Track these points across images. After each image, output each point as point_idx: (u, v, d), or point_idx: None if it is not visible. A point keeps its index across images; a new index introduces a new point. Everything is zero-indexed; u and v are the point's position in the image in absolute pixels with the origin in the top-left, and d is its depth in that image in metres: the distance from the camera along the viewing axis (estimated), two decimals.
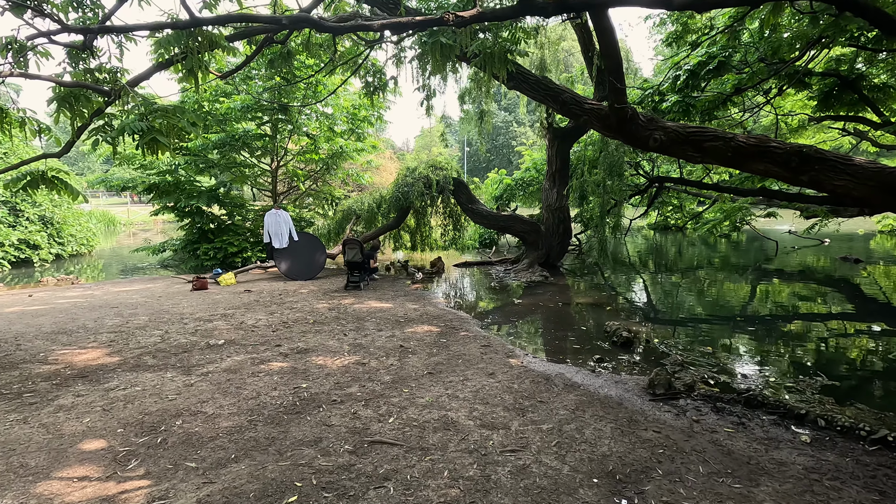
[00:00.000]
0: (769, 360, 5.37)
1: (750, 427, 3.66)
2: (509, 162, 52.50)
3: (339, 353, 5.29)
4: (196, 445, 3.21)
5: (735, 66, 8.65)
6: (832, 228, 14.95)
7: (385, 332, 6.14)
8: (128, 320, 6.69)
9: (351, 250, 9.34)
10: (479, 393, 4.20)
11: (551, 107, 6.67)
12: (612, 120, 6.04)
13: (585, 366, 5.09)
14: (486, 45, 5.68)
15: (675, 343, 5.93)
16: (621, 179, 10.18)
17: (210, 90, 12.25)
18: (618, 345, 5.79)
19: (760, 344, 5.98)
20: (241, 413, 3.72)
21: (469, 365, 4.94)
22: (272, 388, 4.24)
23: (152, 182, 12.21)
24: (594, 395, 4.24)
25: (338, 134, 13.76)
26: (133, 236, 27.34)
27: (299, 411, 3.76)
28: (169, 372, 4.63)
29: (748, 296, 8.91)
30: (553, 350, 5.80)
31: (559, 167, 11.18)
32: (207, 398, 4.00)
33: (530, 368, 4.88)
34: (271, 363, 4.90)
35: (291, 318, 6.92)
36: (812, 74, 8.47)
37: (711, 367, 5.11)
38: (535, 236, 11.42)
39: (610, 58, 5.37)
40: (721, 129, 7.20)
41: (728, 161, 5.85)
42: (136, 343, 5.59)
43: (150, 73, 5.17)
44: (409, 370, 4.76)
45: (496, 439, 3.37)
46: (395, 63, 8.31)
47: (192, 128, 4.71)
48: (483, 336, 6.06)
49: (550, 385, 4.43)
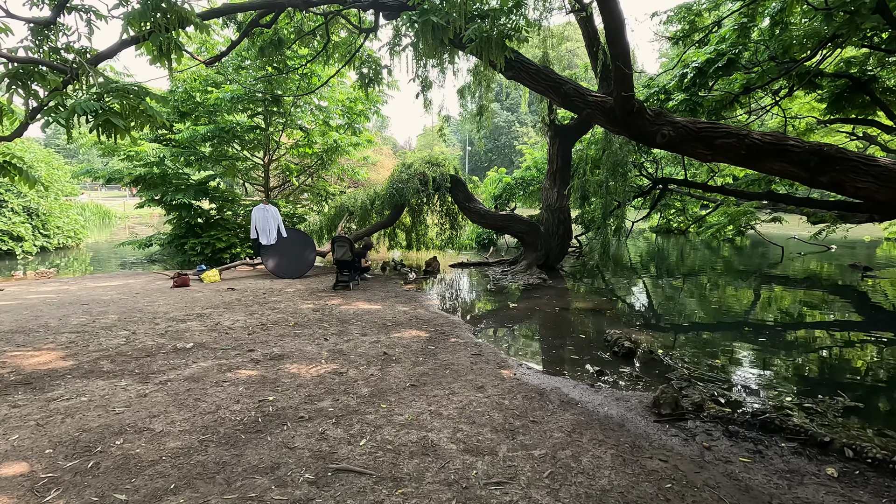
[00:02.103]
0: (783, 376, 4.94)
1: (768, 456, 3.24)
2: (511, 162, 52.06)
3: (317, 360, 4.86)
4: (132, 472, 2.78)
5: (744, 64, 8.28)
6: (839, 235, 14.50)
7: (369, 337, 5.71)
8: (95, 319, 6.26)
9: (340, 248, 8.91)
10: (466, 410, 3.77)
11: (553, 99, 6.24)
12: (618, 113, 5.61)
13: (584, 379, 4.66)
14: (483, 30, 5.25)
15: (680, 354, 5.49)
16: (625, 180, 9.76)
17: (200, 79, 11.80)
18: (619, 355, 5.36)
19: (772, 357, 5.55)
20: (194, 431, 3.29)
21: (457, 376, 4.51)
22: (234, 400, 3.80)
23: (138, 174, 11.78)
24: (593, 414, 3.81)
25: (333, 128, 13.32)
26: (128, 230, 26.92)
27: (260, 430, 3.33)
28: (124, 379, 4.20)
29: (755, 303, 8.49)
30: (549, 360, 5.37)
31: (560, 166, 10.75)
32: (159, 412, 3.57)
33: (524, 381, 4.45)
34: (239, 371, 4.47)
35: (272, 319, 6.49)
36: (823, 75, 8.09)
37: (720, 382, 4.68)
38: (535, 237, 11.00)
39: (616, 44, 4.94)
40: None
41: (741, 160, 5.42)
42: (96, 345, 5.16)
43: (115, 50, 4.75)
44: (390, 381, 4.33)
45: (481, 468, 2.94)
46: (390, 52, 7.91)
47: (156, 112, 4.27)
48: (474, 343, 5.63)
49: (545, 401, 4.00)
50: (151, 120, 4.35)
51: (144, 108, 4.24)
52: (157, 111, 4.34)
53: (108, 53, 4.77)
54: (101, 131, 3.98)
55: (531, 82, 6.16)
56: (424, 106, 8.72)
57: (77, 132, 5.02)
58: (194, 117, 12.12)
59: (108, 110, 3.82)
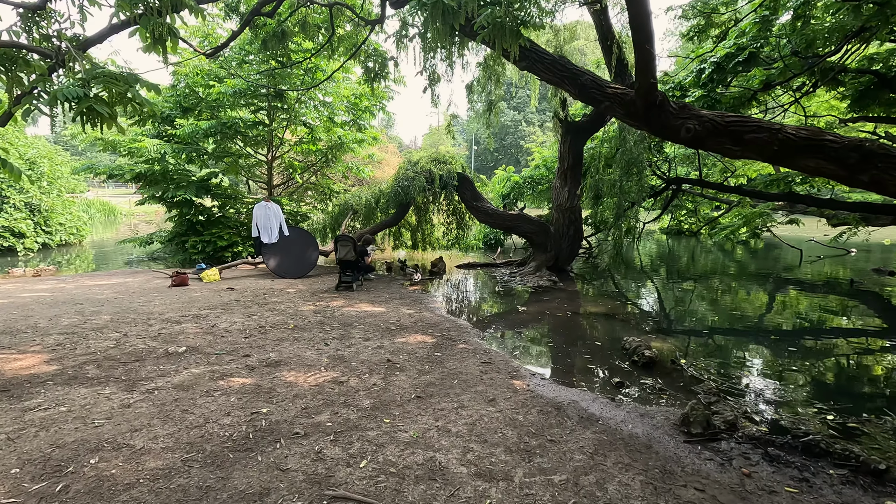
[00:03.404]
0: (821, 391, 4.57)
1: (817, 486, 2.88)
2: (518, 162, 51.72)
3: (316, 367, 4.55)
4: (105, 497, 2.48)
5: (765, 59, 7.94)
6: (860, 238, 14.01)
7: (372, 342, 5.40)
8: (87, 319, 5.98)
9: (343, 247, 8.60)
10: (476, 426, 3.45)
11: (568, 91, 5.90)
12: (639, 106, 5.26)
13: (603, 392, 4.32)
14: (496, 15, 4.92)
15: (704, 364, 5.14)
16: (640, 179, 9.39)
17: (202, 73, 11.54)
18: (639, 365, 5.01)
19: (803, 368, 5.18)
20: (178, 448, 2.98)
21: (466, 387, 4.19)
22: (225, 412, 3.50)
23: (139, 171, 11.53)
24: (616, 432, 3.47)
25: (337, 125, 13.02)
26: (133, 227, 26.79)
27: (250, 448, 3.02)
28: (108, 387, 3.90)
29: (777, 309, 8.09)
30: (564, 370, 5.03)
31: (571, 164, 10.39)
32: (142, 425, 3.26)
33: (538, 394, 4.11)
34: (233, 378, 4.17)
35: (270, 321, 6.19)
36: (847, 71, 7.71)
37: (753, 396, 4.33)
38: (544, 237, 10.64)
39: (641, 29, 4.59)
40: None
41: (772, 156, 5.06)
42: (84, 348, 4.87)
43: (104, 35, 4.46)
44: (394, 392, 4.01)
45: (495, 496, 2.62)
46: (397, 43, 7.61)
47: (145, 100, 3.97)
48: (484, 350, 5.30)
49: (562, 417, 3.67)
50: (141, 108, 4.06)
51: (133, 96, 3.94)
52: (147, 99, 4.05)
53: (96, 38, 4.48)
54: (86, 119, 3.69)
55: (546, 73, 5.82)
56: (432, 101, 8.44)
57: (62, 121, 4.74)
58: (197, 112, 11.86)
59: (92, 97, 3.52)
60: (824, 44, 7.44)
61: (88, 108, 3.50)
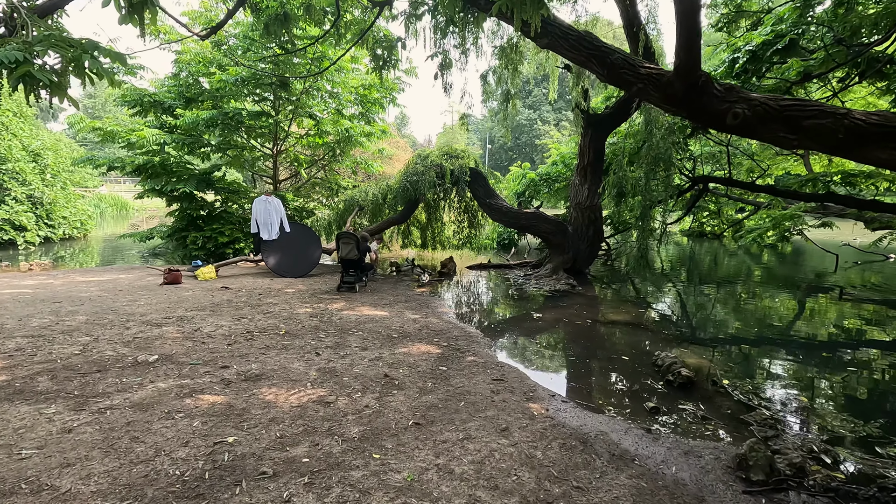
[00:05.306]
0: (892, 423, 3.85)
1: None
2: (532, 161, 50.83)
3: (301, 382, 3.96)
4: None
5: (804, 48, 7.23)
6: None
7: (370, 353, 4.79)
8: (60, 320, 5.46)
9: (346, 245, 8.02)
10: (486, 466, 2.81)
11: (596, 72, 5.23)
12: (677, 87, 4.57)
13: (636, 419, 3.65)
14: None
15: (751, 386, 4.44)
16: (668, 176, 8.67)
17: (205, 61, 11.05)
18: (675, 386, 4.32)
19: (876, 394, 4.45)
20: (112, 492, 2.40)
21: (474, 411, 3.55)
22: (183, 441, 2.91)
23: (139, 163, 11.08)
24: (657, 477, 2.81)
25: (345, 117, 12.45)
26: (146, 221, 26.62)
27: (202, 494, 2.42)
28: (55, 405, 3.34)
29: (824, 320, 7.32)
30: (588, 390, 4.37)
31: (592, 160, 9.70)
32: (78, 458, 2.69)
33: (559, 421, 3.46)
34: (202, 396, 3.58)
35: (261, 325, 5.62)
36: (894, 62, 6.93)
37: (816, 430, 3.63)
38: (561, 238, 9.95)
39: None
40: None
41: (836, 146, 4.33)
42: (45, 354, 4.34)
43: None
44: (388, 417, 3.39)
45: None
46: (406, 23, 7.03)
47: (105, 70, 3.41)
48: (495, 364, 4.66)
49: (590, 454, 3.01)
50: (103, 79, 3.50)
51: (91, 65, 3.38)
52: (108, 70, 3.48)
53: (58, 3, 3.94)
54: (29, 90, 3.13)
55: (570, 51, 5.15)
56: (444, 89, 7.80)
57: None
58: (199, 102, 11.39)
59: (28, 60, 2.95)
60: (870, 32, 6.71)
61: (28, 74, 2.94)
